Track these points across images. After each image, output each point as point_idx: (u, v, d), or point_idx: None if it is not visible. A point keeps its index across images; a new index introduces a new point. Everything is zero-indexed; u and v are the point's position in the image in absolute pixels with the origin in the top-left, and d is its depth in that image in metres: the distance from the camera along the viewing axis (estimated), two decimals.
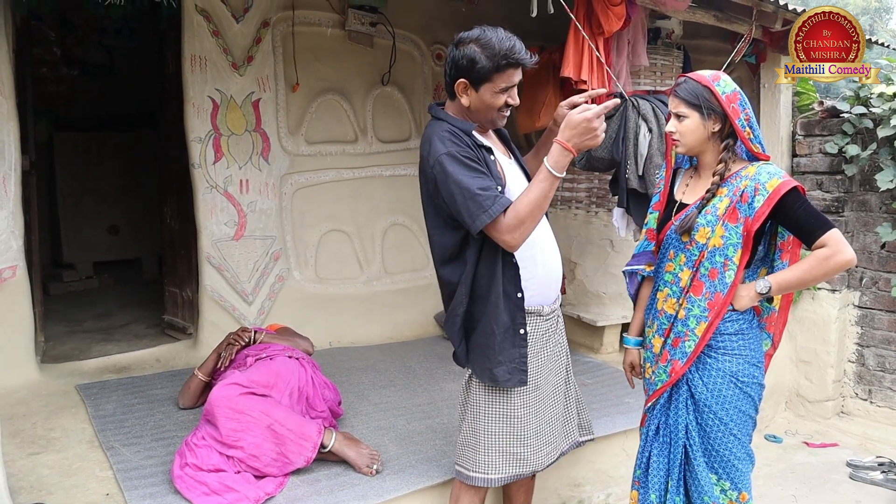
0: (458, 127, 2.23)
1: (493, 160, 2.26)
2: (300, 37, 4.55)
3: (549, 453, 2.44)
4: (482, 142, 2.27)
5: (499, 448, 2.36)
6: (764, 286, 2.21)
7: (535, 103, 4.49)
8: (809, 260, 2.17)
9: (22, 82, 3.88)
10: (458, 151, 2.15)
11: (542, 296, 2.35)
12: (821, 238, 2.15)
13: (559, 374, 2.49)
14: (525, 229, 2.12)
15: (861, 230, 4.31)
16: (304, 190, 4.68)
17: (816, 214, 2.18)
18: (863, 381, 4.36)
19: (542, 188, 2.10)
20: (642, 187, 3.82)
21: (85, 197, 6.43)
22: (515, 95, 2.25)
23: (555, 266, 2.38)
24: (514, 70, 2.19)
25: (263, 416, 2.70)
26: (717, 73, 2.29)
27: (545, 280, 2.34)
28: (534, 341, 2.33)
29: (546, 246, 2.36)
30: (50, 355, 4.21)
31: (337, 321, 4.72)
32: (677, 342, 2.33)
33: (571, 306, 4.82)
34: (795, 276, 2.21)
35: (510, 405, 2.34)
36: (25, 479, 2.73)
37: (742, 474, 2.30)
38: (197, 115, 4.16)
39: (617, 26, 3.64)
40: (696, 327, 2.28)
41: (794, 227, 2.21)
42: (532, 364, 2.32)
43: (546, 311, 2.36)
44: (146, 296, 5.74)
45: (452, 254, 2.29)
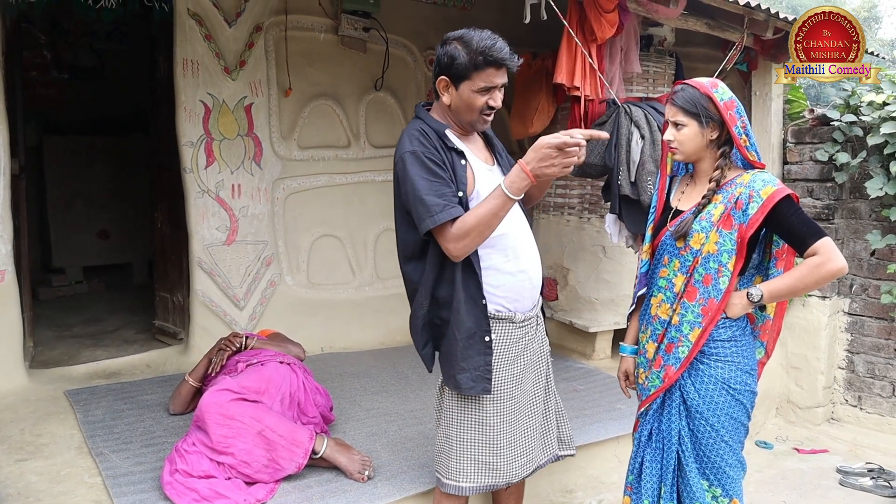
0: (431, 126, 2.24)
1: (464, 164, 2.24)
2: (293, 41, 4.55)
3: (525, 465, 2.38)
4: (454, 144, 2.25)
5: (471, 456, 2.32)
6: (756, 294, 2.22)
7: (528, 109, 4.49)
8: (801, 268, 2.18)
9: (11, 85, 3.86)
10: (422, 151, 2.17)
11: (515, 303, 2.30)
12: (813, 246, 2.15)
13: (538, 383, 2.44)
14: (468, 243, 2.10)
15: (851, 237, 4.33)
16: (297, 195, 4.67)
17: (809, 222, 2.19)
18: (853, 387, 4.38)
19: (493, 206, 2.07)
20: (634, 194, 3.83)
21: (75, 201, 6.39)
22: (497, 98, 2.21)
23: (533, 274, 2.33)
24: (495, 70, 2.17)
25: (254, 422, 2.68)
26: (715, 81, 2.30)
27: (518, 287, 2.29)
28: (506, 348, 2.29)
29: (523, 253, 2.31)
30: (39, 361, 4.18)
31: (329, 326, 4.71)
32: (671, 348, 2.33)
33: (564, 312, 4.83)
34: (787, 285, 2.21)
35: (483, 413, 2.30)
36: (13, 486, 2.71)
37: (733, 481, 2.30)
38: (189, 120, 4.15)
39: (610, 33, 3.66)
40: (690, 333, 2.28)
41: (786, 235, 2.22)
42: (507, 372, 2.29)
43: (519, 319, 2.31)
44: (136, 301, 5.71)
45: (414, 252, 2.29)
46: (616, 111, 3.90)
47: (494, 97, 2.21)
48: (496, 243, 2.24)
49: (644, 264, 2.49)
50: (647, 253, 2.48)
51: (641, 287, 2.50)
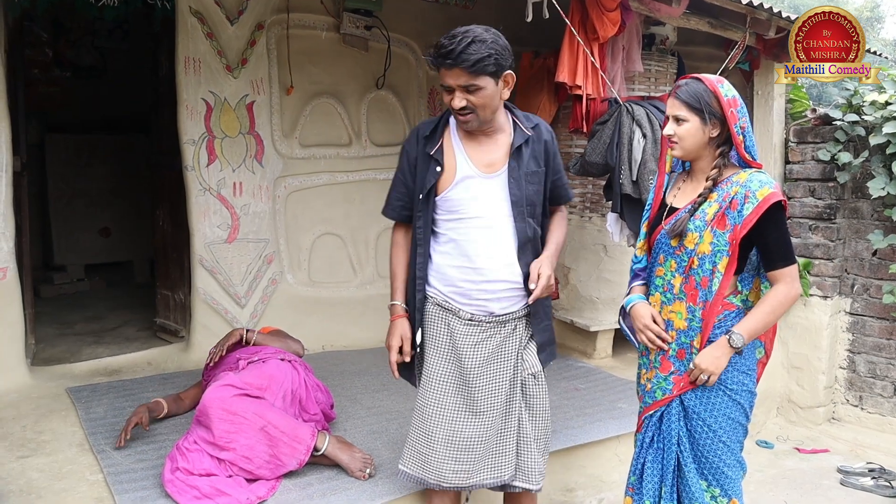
0: (431, 123, 2.41)
1: (435, 167, 2.31)
2: (295, 40, 4.55)
3: (461, 474, 2.33)
4: (435, 143, 2.34)
5: (411, 441, 2.42)
6: (738, 340, 2.19)
7: (530, 108, 4.48)
8: (771, 301, 2.20)
9: (13, 83, 3.87)
10: (405, 145, 2.45)
11: (463, 302, 2.35)
12: (782, 269, 2.19)
13: (498, 396, 2.36)
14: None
15: (853, 237, 4.32)
16: (298, 193, 4.67)
17: (787, 243, 2.21)
18: (854, 387, 4.37)
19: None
20: (636, 193, 3.82)
21: (76, 199, 6.39)
22: (457, 100, 2.19)
23: (493, 278, 2.33)
24: (445, 70, 2.17)
25: (257, 417, 2.68)
26: (720, 78, 2.29)
27: (469, 288, 2.33)
28: (440, 334, 2.37)
29: (486, 259, 2.32)
30: (40, 358, 4.18)
31: (330, 325, 4.71)
32: (682, 354, 2.30)
33: (565, 311, 4.83)
34: (762, 322, 2.21)
35: (422, 399, 2.39)
36: (15, 483, 2.71)
37: (732, 481, 2.29)
38: (190, 118, 4.15)
39: (612, 32, 3.66)
40: (695, 339, 2.27)
41: (762, 245, 2.21)
42: (440, 359, 2.36)
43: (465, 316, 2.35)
44: (138, 299, 5.71)
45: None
46: (618, 110, 3.89)
47: (454, 98, 2.20)
48: (454, 247, 2.35)
49: (639, 259, 2.48)
50: (642, 249, 2.47)
51: (636, 280, 2.48)
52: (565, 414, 3.62)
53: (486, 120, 2.27)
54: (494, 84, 2.20)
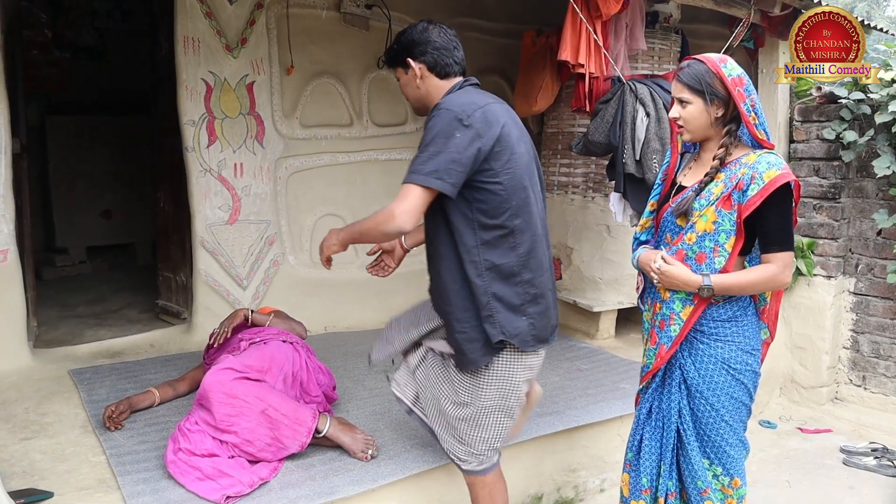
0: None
1: None
2: (295, 19, 4.50)
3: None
4: None
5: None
6: (706, 291, 2.18)
7: (532, 87, 4.45)
8: (758, 274, 2.19)
9: (12, 64, 3.83)
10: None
11: None
12: (778, 254, 2.17)
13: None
14: None
15: (857, 216, 4.30)
16: (299, 174, 4.65)
17: (787, 229, 2.18)
18: (857, 367, 4.37)
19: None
20: (639, 172, 3.80)
21: (78, 181, 6.37)
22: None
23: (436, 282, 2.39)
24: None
25: (258, 400, 2.68)
26: (724, 56, 2.26)
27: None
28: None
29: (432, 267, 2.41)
30: (42, 340, 4.19)
31: (332, 306, 4.71)
32: (663, 325, 2.32)
33: (567, 291, 4.82)
34: (737, 285, 2.20)
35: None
36: (18, 465, 2.72)
37: (734, 460, 2.30)
38: (190, 98, 4.12)
39: (615, 9, 3.61)
40: (682, 311, 2.27)
41: (762, 228, 2.19)
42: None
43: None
44: (139, 280, 5.71)
45: None
46: (621, 89, 3.86)
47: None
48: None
49: (642, 234, 2.46)
50: (643, 227, 2.47)
51: (640, 249, 2.45)
52: (568, 395, 3.61)
53: (416, 108, 2.49)
54: (405, 73, 2.37)
